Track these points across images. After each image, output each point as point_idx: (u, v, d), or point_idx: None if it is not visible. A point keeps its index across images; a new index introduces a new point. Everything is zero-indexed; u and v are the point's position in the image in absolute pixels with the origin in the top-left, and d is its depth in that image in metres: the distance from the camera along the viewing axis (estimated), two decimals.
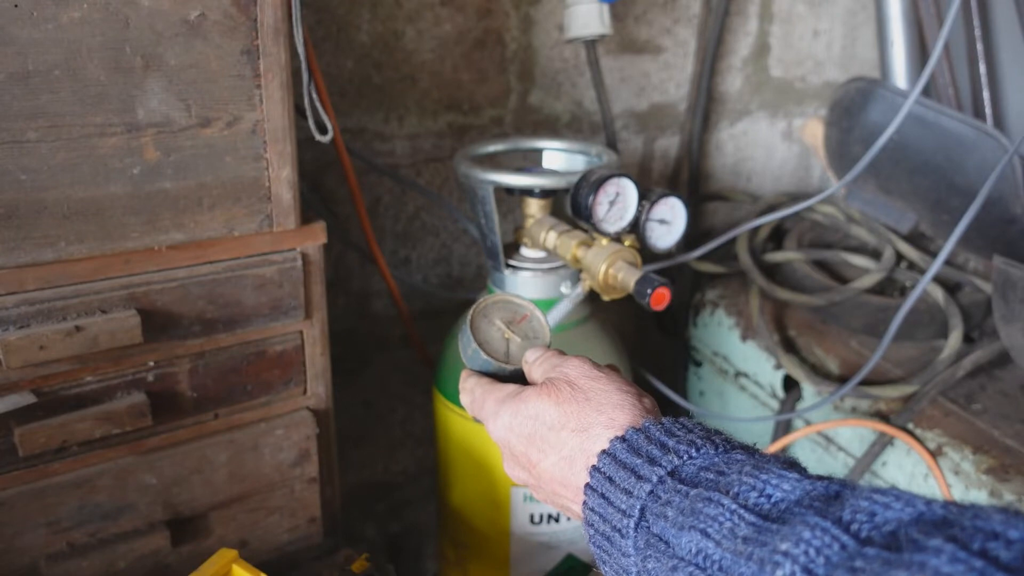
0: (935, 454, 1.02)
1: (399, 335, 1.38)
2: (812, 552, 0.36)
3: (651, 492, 0.46)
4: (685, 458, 0.47)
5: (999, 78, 1.40)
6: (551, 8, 1.28)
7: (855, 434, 1.13)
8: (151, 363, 0.78)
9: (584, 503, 0.50)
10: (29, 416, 0.73)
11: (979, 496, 0.97)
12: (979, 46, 1.36)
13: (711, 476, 0.45)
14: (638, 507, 0.46)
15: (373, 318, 1.34)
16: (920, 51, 1.41)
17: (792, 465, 0.44)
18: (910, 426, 1.07)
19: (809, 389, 1.19)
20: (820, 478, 0.43)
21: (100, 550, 0.80)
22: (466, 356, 0.64)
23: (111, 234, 0.72)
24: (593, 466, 0.50)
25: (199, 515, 0.86)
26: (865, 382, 1.11)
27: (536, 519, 1.08)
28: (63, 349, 0.70)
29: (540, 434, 0.54)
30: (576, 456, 0.52)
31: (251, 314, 0.81)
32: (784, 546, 0.37)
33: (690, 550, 0.42)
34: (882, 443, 1.07)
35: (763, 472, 0.43)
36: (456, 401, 1.06)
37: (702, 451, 0.47)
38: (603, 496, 0.49)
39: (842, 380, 1.16)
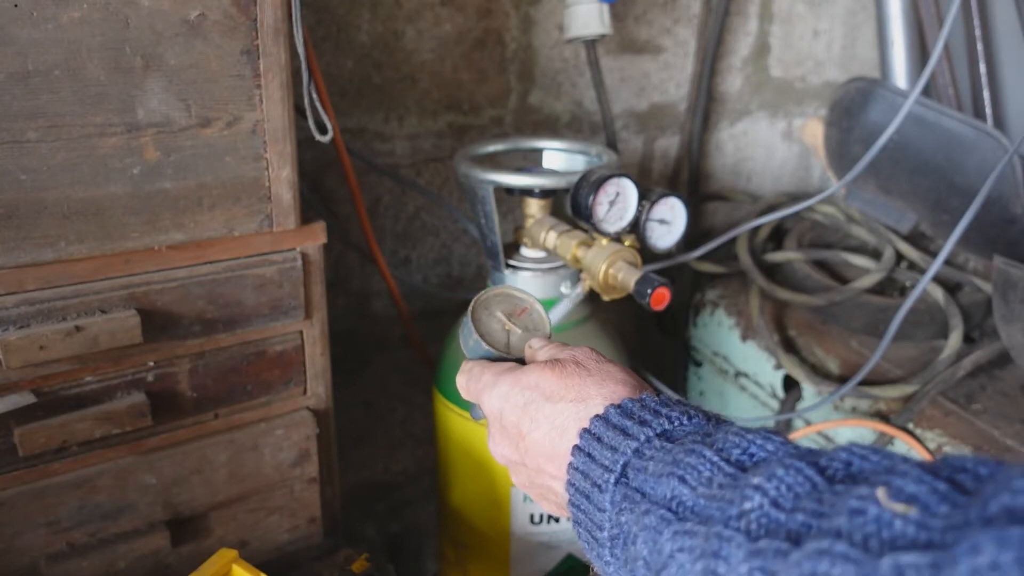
0: (935, 454, 1.02)
1: (399, 335, 1.38)
2: (784, 488, 0.37)
3: (636, 450, 0.46)
4: (676, 424, 0.47)
5: (999, 78, 1.40)
6: (551, 8, 1.28)
7: (855, 434, 1.13)
8: (151, 363, 0.78)
9: (570, 464, 0.50)
10: (29, 416, 0.73)
11: None
12: (979, 46, 1.36)
13: (698, 438, 0.45)
14: (621, 463, 0.46)
15: (373, 318, 1.34)
16: (920, 51, 1.41)
17: (778, 435, 0.44)
18: (910, 426, 1.07)
19: (809, 389, 1.19)
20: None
21: (100, 550, 0.80)
22: (467, 347, 0.65)
23: (111, 234, 0.72)
24: (584, 428, 0.50)
25: (199, 515, 0.86)
26: (865, 382, 1.11)
27: (536, 519, 1.08)
28: (63, 349, 0.70)
29: (536, 403, 0.54)
30: (569, 425, 0.51)
31: (251, 314, 0.81)
32: (756, 480, 0.38)
33: (664, 495, 0.42)
34: (882, 443, 1.07)
35: (750, 434, 0.43)
36: (456, 401, 1.06)
37: (694, 420, 0.47)
38: (588, 455, 0.48)
39: (842, 380, 1.16)
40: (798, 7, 1.55)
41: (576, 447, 0.50)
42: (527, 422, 0.54)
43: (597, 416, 0.50)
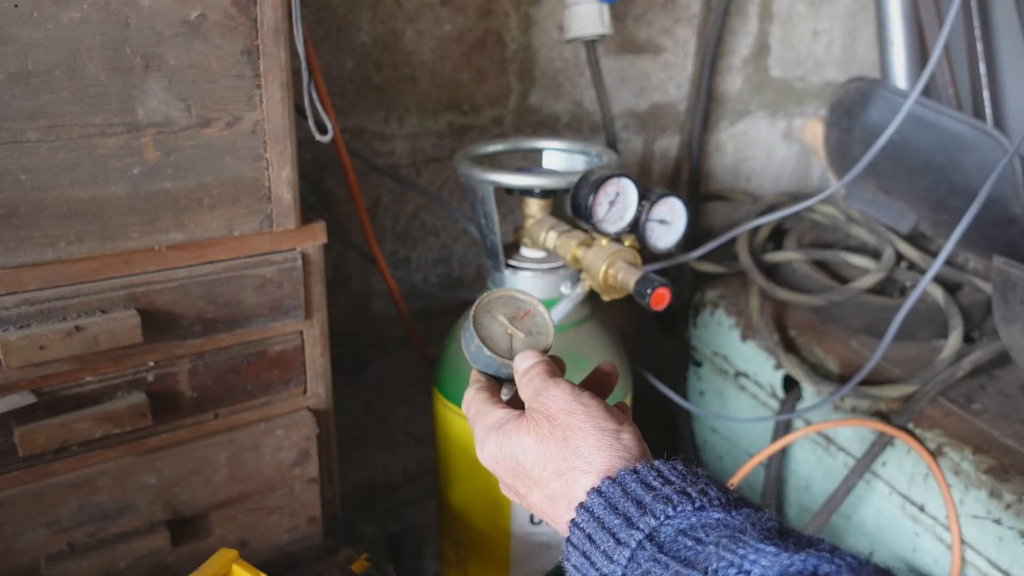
0: (935, 454, 1.02)
1: (399, 335, 1.38)
2: None
3: (631, 558, 0.47)
4: (662, 518, 0.47)
5: (999, 78, 1.40)
6: (551, 8, 1.28)
7: (855, 434, 1.13)
8: (151, 363, 0.78)
9: (567, 558, 0.51)
10: (29, 416, 0.73)
11: (979, 496, 0.97)
12: (979, 46, 1.36)
13: (689, 544, 0.45)
14: (619, 572, 0.47)
15: (373, 318, 1.34)
16: (920, 51, 1.41)
17: (769, 532, 0.44)
18: (910, 426, 1.07)
19: (809, 389, 1.19)
20: (798, 545, 0.42)
21: (100, 550, 0.80)
22: (469, 352, 0.64)
23: (111, 234, 0.72)
24: (572, 520, 0.51)
25: (199, 515, 0.86)
26: (865, 382, 1.11)
27: (536, 519, 1.08)
28: (63, 349, 0.70)
29: (524, 471, 0.55)
30: (558, 497, 0.53)
31: (251, 314, 0.81)
32: None
33: None
34: (882, 443, 1.07)
35: (740, 546, 0.43)
36: (456, 401, 1.06)
37: (679, 509, 0.47)
38: (584, 555, 0.49)
39: (842, 380, 1.16)
40: (798, 7, 1.55)
41: (570, 542, 0.51)
42: (521, 485, 0.56)
43: (581, 505, 0.50)
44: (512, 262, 1.05)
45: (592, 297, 1.00)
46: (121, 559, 0.81)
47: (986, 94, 1.37)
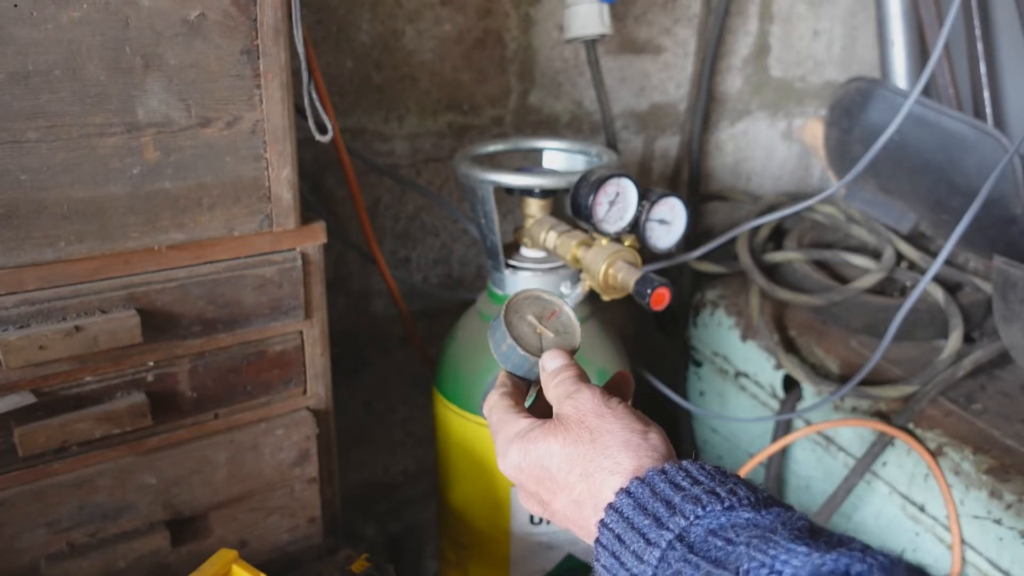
0: (935, 454, 1.02)
1: (399, 335, 1.38)
2: None
3: (661, 559, 0.46)
4: (692, 518, 0.47)
5: (999, 78, 1.40)
6: (551, 8, 1.28)
7: (855, 434, 1.13)
8: (151, 363, 0.78)
9: (596, 559, 0.51)
10: (29, 416, 0.73)
11: (979, 496, 0.97)
12: (979, 46, 1.36)
13: (719, 544, 0.45)
14: (650, 573, 0.47)
15: (373, 318, 1.34)
16: (920, 51, 1.42)
17: (800, 532, 0.44)
18: (910, 426, 1.07)
19: (809, 389, 1.19)
20: (829, 544, 0.42)
21: (100, 550, 0.80)
22: (499, 353, 0.64)
23: (111, 234, 0.72)
24: (601, 521, 0.50)
25: (199, 515, 0.86)
26: (865, 382, 1.11)
27: (536, 519, 1.08)
28: (63, 349, 0.70)
29: (549, 475, 0.55)
30: (584, 500, 0.53)
31: (251, 314, 0.81)
32: None
33: None
34: (882, 443, 1.07)
35: (771, 546, 0.43)
36: (456, 401, 1.06)
37: (708, 509, 0.47)
38: (614, 556, 0.49)
39: (842, 380, 1.16)
40: (798, 7, 1.55)
41: (599, 543, 0.50)
42: (545, 492, 0.56)
43: (610, 506, 0.50)
44: (512, 262, 1.05)
45: (592, 297, 1.00)
46: (121, 559, 0.81)
47: (986, 94, 1.37)
